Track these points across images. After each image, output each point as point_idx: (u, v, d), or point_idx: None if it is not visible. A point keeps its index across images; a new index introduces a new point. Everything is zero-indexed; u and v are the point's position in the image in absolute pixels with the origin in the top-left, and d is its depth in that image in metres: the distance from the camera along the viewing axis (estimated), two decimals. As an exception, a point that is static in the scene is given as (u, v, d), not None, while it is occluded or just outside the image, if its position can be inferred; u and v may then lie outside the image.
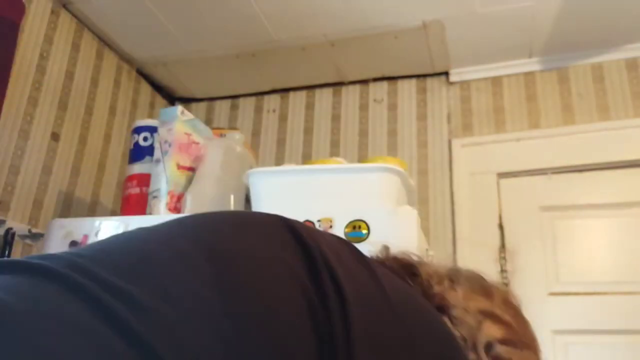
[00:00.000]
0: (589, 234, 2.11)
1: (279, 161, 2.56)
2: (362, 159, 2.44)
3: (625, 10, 2.07)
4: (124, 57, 2.47)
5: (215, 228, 0.49)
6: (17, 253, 1.85)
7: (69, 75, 2.15)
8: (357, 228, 1.54)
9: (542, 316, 2.03)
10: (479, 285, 0.65)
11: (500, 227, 2.19)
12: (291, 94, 2.69)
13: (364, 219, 1.55)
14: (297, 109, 2.65)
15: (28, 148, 1.94)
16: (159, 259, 0.43)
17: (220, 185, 1.79)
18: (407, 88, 2.53)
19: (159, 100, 2.74)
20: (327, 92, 2.64)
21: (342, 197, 1.66)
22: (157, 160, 1.78)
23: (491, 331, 0.60)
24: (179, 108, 1.83)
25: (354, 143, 2.51)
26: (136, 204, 1.81)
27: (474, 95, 2.43)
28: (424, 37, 2.27)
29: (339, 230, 1.55)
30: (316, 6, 2.11)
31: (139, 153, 1.87)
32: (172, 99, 2.82)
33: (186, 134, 1.82)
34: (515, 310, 0.64)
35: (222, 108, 2.77)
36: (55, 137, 2.06)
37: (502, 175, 2.27)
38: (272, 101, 2.70)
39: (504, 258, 2.14)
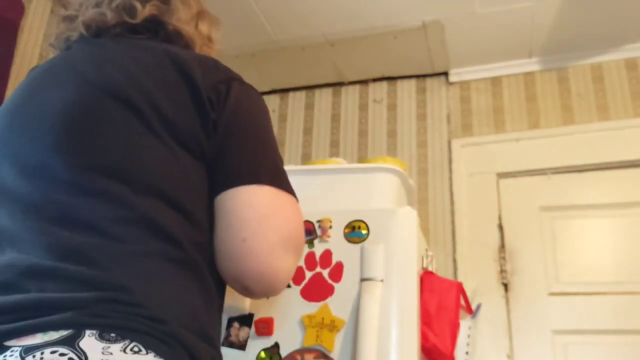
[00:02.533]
0: (588, 234, 2.11)
1: (279, 161, 2.56)
2: (361, 159, 2.44)
3: (625, 10, 2.07)
4: (124, 58, 2.47)
5: None
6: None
7: (69, 76, 2.15)
8: (357, 228, 1.54)
9: (542, 316, 2.03)
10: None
11: (500, 227, 2.19)
12: (291, 94, 2.69)
13: (363, 219, 1.55)
14: (297, 109, 2.65)
15: (28, 148, 1.94)
16: None
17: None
18: (406, 88, 2.54)
19: (159, 100, 2.73)
20: (327, 92, 2.64)
21: (341, 197, 1.66)
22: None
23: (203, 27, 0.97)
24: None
25: (354, 143, 2.51)
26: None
27: (473, 96, 2.43)
28: (423, 37, 2.27)
29: (339, 230, 1.55)
30: (316, 6, 2.11)
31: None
32: (172, 99, 2.81)
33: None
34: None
35: (221, 108, 2.77)
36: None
37: (502, 175, 2.27)
38: (272, 101, 2.69)
39: (504, 258, 2.14)
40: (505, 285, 2.11)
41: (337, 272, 1.51)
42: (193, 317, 0.67)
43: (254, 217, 0.72)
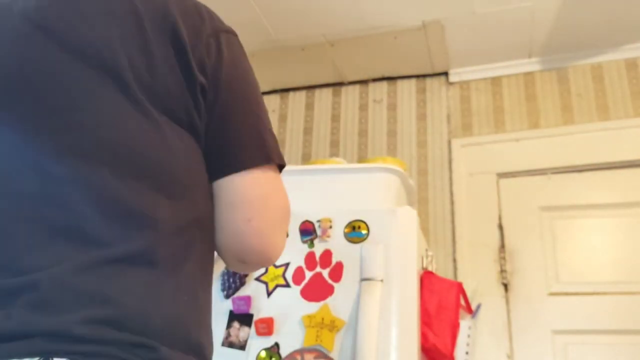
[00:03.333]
0: (589, 234, 2.11)
1: (279, 161, 2.56)
2: (361, 159, 2.44)
3: (625, 10, 2.07)
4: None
5: None
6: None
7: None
8: (357, 228, 1.54)
9: (542, 316, 2.03)
10: None
11: (500, 227, 2.19)
12: (291, 94, 2.69)
13: (363, 219, 1.55)
14: (297, 109, 2.66)
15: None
16: None
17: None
18: (406, 88, 2.53)
19: (159, 100, 2.73)
20: (327, 92, 2.64)
21: (341, 197, 1.66)
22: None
23: None
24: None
25: (354, 143, 2.51)
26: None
27: (473, 95, 2.43)
28: (423, 37, 2.27)
29: (339, 230, 1.55)
30: (316, 6, 2.11)
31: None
32: (172, 99, 2.81)
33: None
34: None
35: (221, 108, 2.77)
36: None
37: (502, 175, 2.27)
38: (272, 101, 2.70)
39: (504, 258, 2.14)
40: (505, 285, 2.11)
41: (337, 272, 1.51)
42: (181, 331, 0.60)
43: (259, 198, 0.70)
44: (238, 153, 0.69)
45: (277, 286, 1.54)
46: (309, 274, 1.53)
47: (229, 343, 1.50)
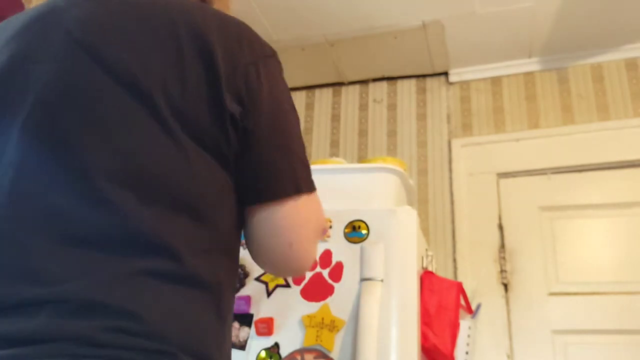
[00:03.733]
0: (588, 234, 2.11)
1: (279, 161, 2.56)
2: (361, 159, 2.44)
3: (625, 10, 2.07)
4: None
5: None
6: None
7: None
8: (357, 228, 1.54)
9: (542, 316, 2.03)
10: None
11: (500, 227, 2.19)
12: (291, 94, 2.69)
13: (363, 219, 1.55)
14: (297, 109, 2.65)
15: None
16: None
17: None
18: (406, 88, 2.54)
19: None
20: (327, 92, 2.64)
21: (341, 197, 1.66)
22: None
23: None
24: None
25: (354, 143, 2.51)
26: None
27: (473, 96, 2.43)
28: (423, 37, 2.27)
29: (339, 230, 1.55)
30: (316, 6, 2.11)
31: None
32: (172, 99, 2.81)
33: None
34: None
35: (221, 108, 2.77)
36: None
37: (502, 175, 2.27)
38: (272, 101, 2.69)
39: (504, 258, 2.14)
40: (505, 285, 2.11)
41: (337, 272, 1.51)
42: (202, 347, 0.61)
43: (298, 224, 0.73)
44: (270, 183, 0.71)
45: (277, 286, 1.54)
46: (308, 274, 1.53)
47: (229, 343, 1.50)
